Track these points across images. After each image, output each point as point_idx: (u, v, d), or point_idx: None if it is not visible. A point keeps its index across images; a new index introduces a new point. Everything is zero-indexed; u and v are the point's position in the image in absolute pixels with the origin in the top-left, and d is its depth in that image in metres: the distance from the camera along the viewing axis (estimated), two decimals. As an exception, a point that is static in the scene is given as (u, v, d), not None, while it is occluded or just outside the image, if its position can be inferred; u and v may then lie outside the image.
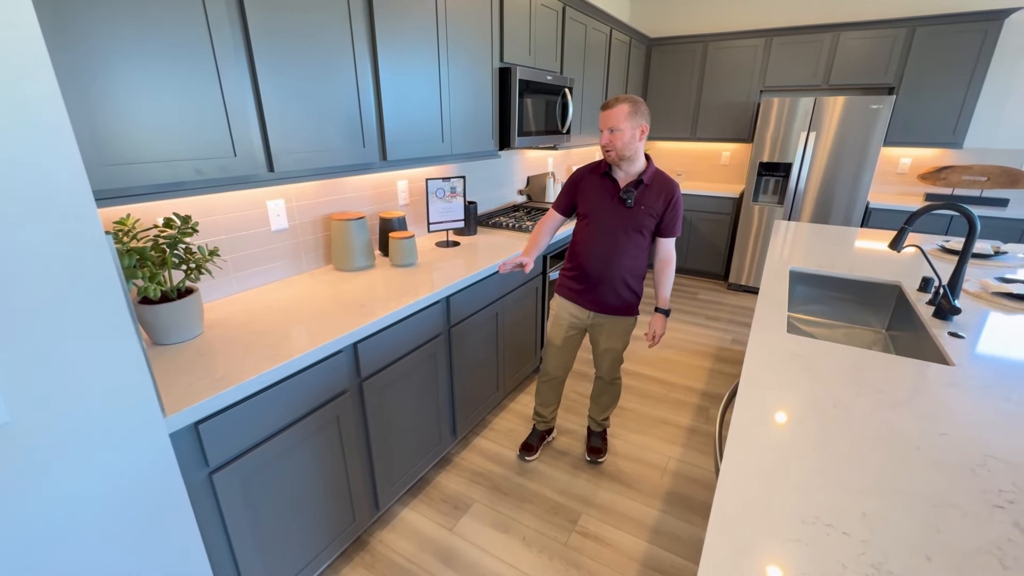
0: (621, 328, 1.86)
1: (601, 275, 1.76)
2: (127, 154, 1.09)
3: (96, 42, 1.00)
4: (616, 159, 1.62)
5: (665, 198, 1.66)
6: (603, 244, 1.73)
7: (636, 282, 1.79)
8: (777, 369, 1.18)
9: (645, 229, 1.69)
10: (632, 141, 1.58)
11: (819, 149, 3.67)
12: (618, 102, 1.56)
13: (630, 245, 1.71)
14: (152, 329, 1.27)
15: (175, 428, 1.01)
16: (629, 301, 1.81)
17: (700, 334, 3.38)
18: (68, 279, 0.79)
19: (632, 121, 1.56)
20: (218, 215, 1.58)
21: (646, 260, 1.78)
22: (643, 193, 1.65)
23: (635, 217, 1.67)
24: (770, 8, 4.08)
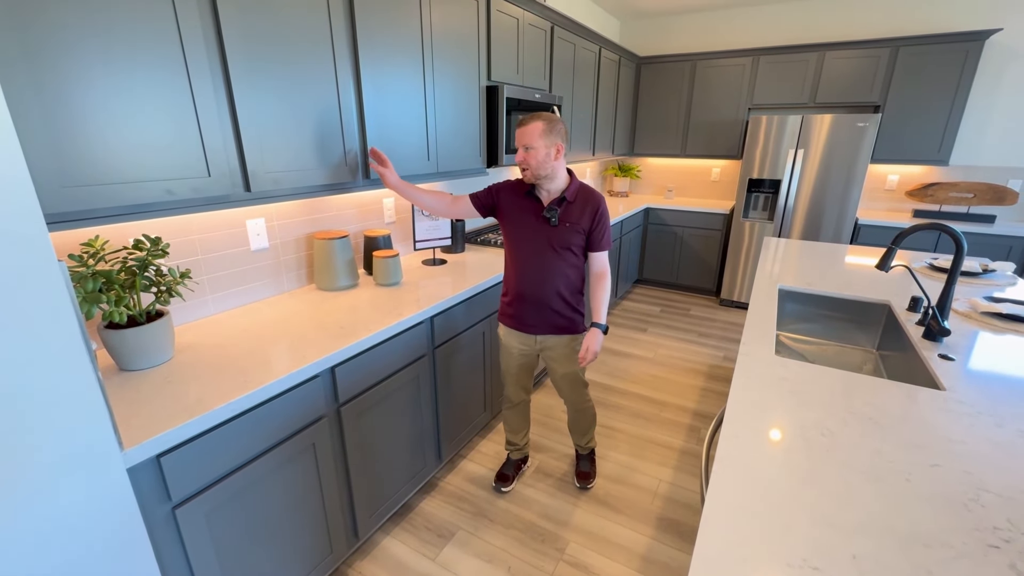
0: (570, 349, 1.79)
1: (537, 297, 1.71)
2: (95, 174, 1.06)
3: (60, 60, 0.97)
4: (532, 177, 1.59)
5: (590, 213, 1.63)
6: (533, 266, 1.68)
7: (575, 299, 1.74)
8: (764, 395, 1.15)
9: (574, 246, 1.65)
10: (547, 160, 1.55)
11: (807, 166, 3.70)
12: (533, 119, 1.53)
13: (561, 264, 1.66)
14: (119, 355, 1.22)
15: (134, 462, 0.96)
16: (571, 318, 1.75)
17: (692, 351, 3.35)
18: (15, 308, 0.75)
19: (547, 139, 1.53)
20: (195, 235, 1.54)
21: (582, 276, 1.74)
22: (567, 210, 1.62)
23: (562, 235, 1.63)
24: (756, 28, 4.15)
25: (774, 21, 4.07)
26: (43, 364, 0.79)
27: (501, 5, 2.30)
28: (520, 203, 1.68)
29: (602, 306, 1.69)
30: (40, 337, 0.78)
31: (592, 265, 1.71)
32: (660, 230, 4.47)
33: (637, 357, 3.25)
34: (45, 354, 0.79)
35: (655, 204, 4.42)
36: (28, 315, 0.76)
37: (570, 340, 1.79)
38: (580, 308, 1.77)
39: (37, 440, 0.80)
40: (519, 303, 1.75)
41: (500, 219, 1.74)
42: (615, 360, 3.20)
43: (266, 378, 1.22)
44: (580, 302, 1.76)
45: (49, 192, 1.00)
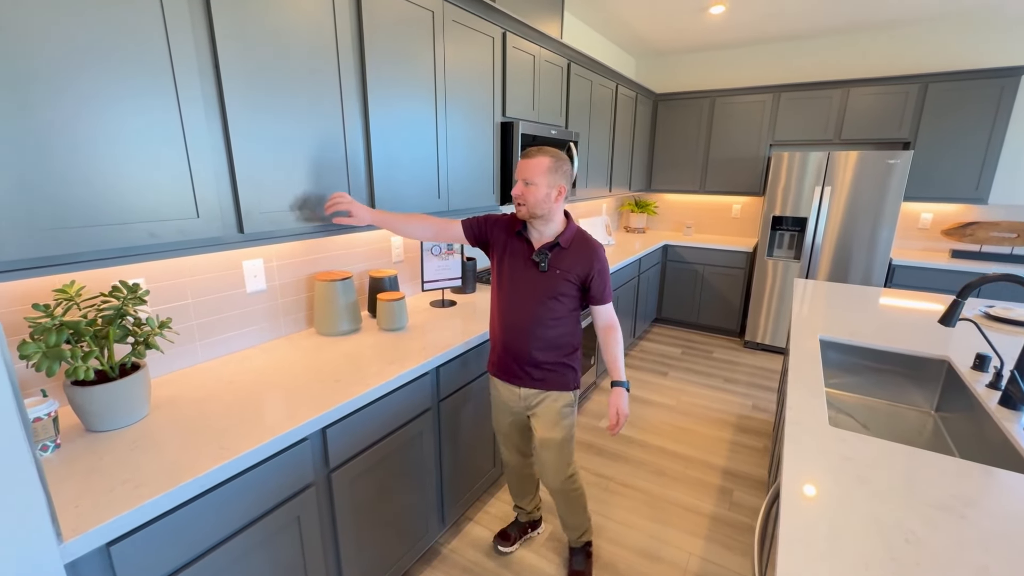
0: (552, 410, 1.56)
1: (519, 346, 1.53)
2: (72, 216, 0.96)
3: (36, 89, 0.89)
4: (527, 215, 1.44)
5: (585, 263, 1.46)
6: (517, 312, 1.52)
7: (561, 353, 1.54)
8: (826, 481, 0.96)
9: (563, 296, 1.48)
10: (546, 200, 1.41)
11: (835, 204, 3.54)
12: (539, 153, 1.40)
13: (546, 313, 1.49)
14: (85, 414, 1.09)
15: (76, 555, 0.81)
16: (558, 373, 1.55)
17: (718, 399, 3.12)
18: (-74, 382, 0.62)
19: (550, 178, 1.40)
20: (186, 277, 1.43)
21: (574, 328, 1.55)
22: (559, 256, 1.46)
23: (550, 282, 1.47)
24: (776, 65, 4.09)
25: (794, 58, 4.01)
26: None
27: (517, 42, 2.25)
28: (510, 242, 1.53)
29: (618, 361, 1.51)
30: (-39, 414, 0.65)
31: (597, 319, 1.54)
32: (679, 267, 4.31)
33: (658, 405, 3.03)
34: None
35: (673, 241, 4.28)
36: (-54, 388, 0.64)
37: (555, 399, 1.56)
38: (572, 363, 1.57)
39: (-54, 540, 0.66)
40: (502, 351, 1.58)
41: (490, 256, 1.60)
42: (634, 407, 2.99)
43: (245, 444, 1.07)
44: (573, 357, 1.57)
45: (21, 236, 0.90)
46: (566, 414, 1.58)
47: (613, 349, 1.52)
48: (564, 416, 1.57)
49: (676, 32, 3.81)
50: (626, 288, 3.49)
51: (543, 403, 1.57)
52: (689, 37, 3.94)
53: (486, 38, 2.06)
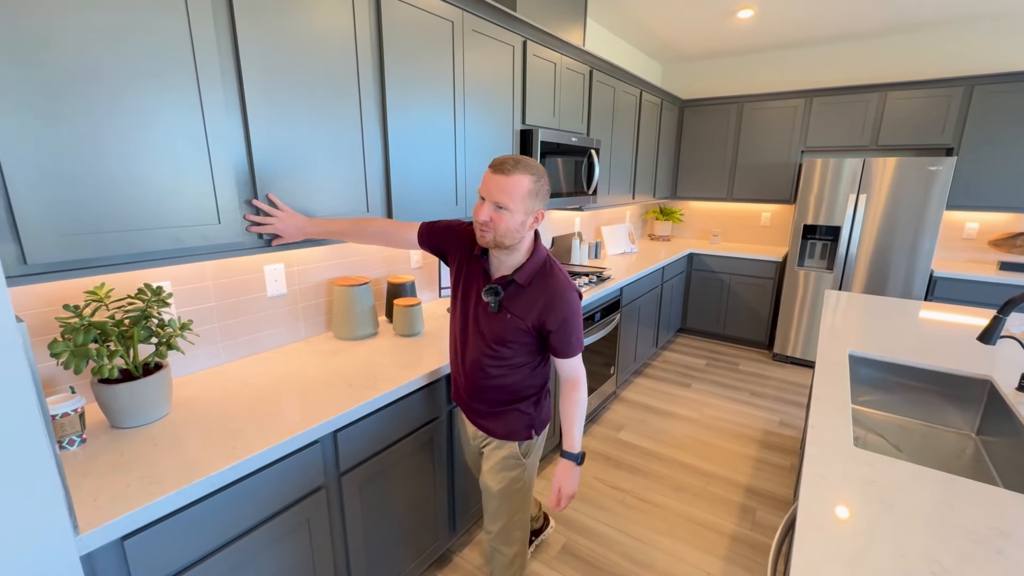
0: (496, 458, 1.35)
1: (464, 387, 1.35)
2: (98, 221, 1.00)
3: (66, 97, 0.94)
4: (491, 244, 1.16)
5: (544, 308, 1.18)
6: (462, 352, 1.32)
7: (511, 400, 1.31)
8: (847, 505, 0.91)
9: (514, 343, 1.22)
10: (520, 229, 1.14)
11: (871, 212, 3.40)
12: (518, 169, 1.10)
13: (492, 360, 1.26)
14: (110, 411, 1.14)
15: (91, 547, 0.84)
16: (502, 419, 1.32)
17: (743, 413, 3.02)
18: (-45, 378, 0.66)
19: (528, 203, 1.12)
20: (209, 280, 1.49)
21: (529, 376, 1.30)
22: (513, 296, 1.20)
23: (499, 326, 1.21)
24: (808, 69, 3.97)
25: (827, 61, 3.89)
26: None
27: (538, 50, 2.26)
28: (466, 265, 1.29)
29: (573, 427, 1.25)
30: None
31: (558, 371, 1.28)
32: (705, 277, 4.20)
33: (680, 417, 2.96)
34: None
35: (699, 249, 4.19)
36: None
37: (498, 446, 1.35)
38: (525, 410, 1.32)
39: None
40: (455, 379, 1.41)
41: (449, 261, 1.37)
42: (655, 420, 2.92)
43: (259, 444, 1.10)
44: (527, 404, 1.32)
45: (55, 240, 0.95)
46: (510, 466, 1.34)
47: (569, 411, 1.26)
48: (508, 468, 1.34)
49: (703, 37, 3.75)
50: (649, 297, 3.43)
51: (488, 446, 1.38)
52: (717, 42, 3.87)
53: (506, 47, 2.07)
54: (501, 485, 1.35)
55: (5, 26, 0.84)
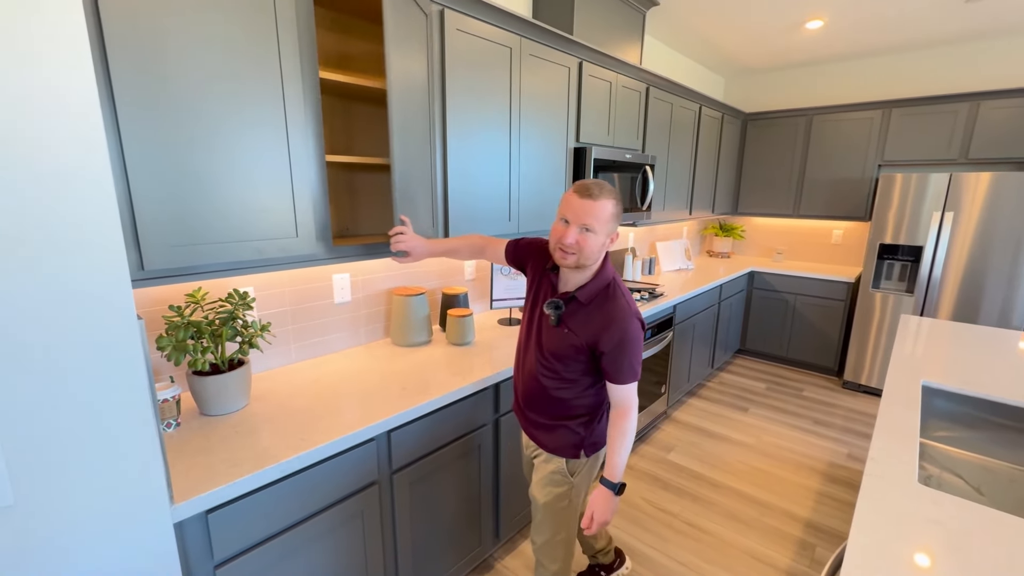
0: (544, 471, 1.36)
1: (523, 393, 1.38)
2: (199, 234, 1.16)
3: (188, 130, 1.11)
4: (573, 264, 1.19)
5: (599, 329, 1.19)
6: (522, 359, 1.37)
7: (563, 416, 1.32)
8: (905, 548, 0.86)
9: (567, 359, 1.24)
10: (601, 250, 1.20)
11: (959, 232, 3.11)
12: (603, 194, 1.16)
13: (547, 371, 1.28)
14: (200, 400, 1.30)
15: (182, 517, 0.97)
16: (553, 433, 1.33)
17: (806, 442, 2.84)
18: (90, 361, 0.80)
19: (611, 225, 1.18)
20: (286, 287, 1.65)
21: (583, 395, 1.30)
22: (573, 312, 1.22)
23: (557, 339, 1.24)
24: (885, 78, 3.73)
25: (906, 70, 3.63)
26: (112, 416, 0.83)
27: (593, 70, 2.31)
28: (540, 276, 1.35)
29: (616, 455, 1.22)
30: (113, 390, 0.83)
31: (609, 396, 1.27)
32: (767, 296, 4.01)
33: (735, 442, 2.83)
34: (115, 406, 0.83)
35: (761, 267, 4.01)
36: (106, 369, 0.82)
37: (546, 460, 1.36)
38: (576, 429, 1.32)
39: (92, 490, 0.83)
40: (515, 390, 1.46)
41: (526, 271, 1.45)
42: (708, 443, 2.82)
43: (322, 438, 1.21)
44: (579, 423, 1.32)
45: (166, 251, 1.11)
46: (556, 482, 1.34)
47: (614, 438, 1.23)
48: (553, 483, 1.35)
49: (769, 50, 3.64)
50: (705, 315, 3.33)
51: (539, 457, 1.40)
52: (783, 54, 3.74)
53: (562, 68, 2.14)
54: (547, 499, 1.36)
55: (144, 79, 1.02)
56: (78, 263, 0.77)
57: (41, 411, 0.76)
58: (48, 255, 0.74)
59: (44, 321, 0.75)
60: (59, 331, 0.76)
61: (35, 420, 0.76)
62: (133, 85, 1.01)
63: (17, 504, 0.76)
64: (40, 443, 0.77)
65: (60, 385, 0.78)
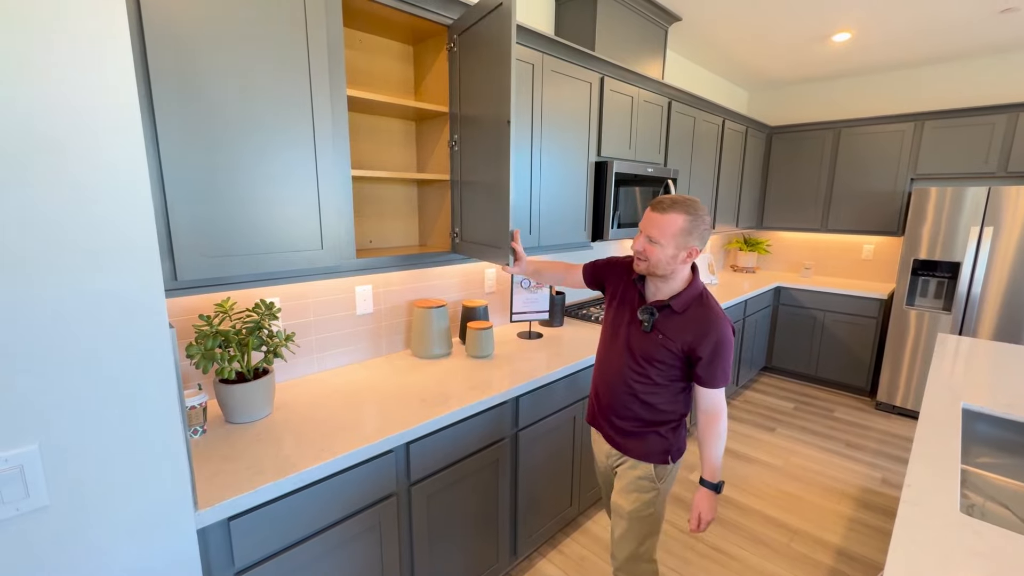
0: (629, 478, 1.38)
1: (606, 401, 1.42)
2: (230, 247, 1.20)
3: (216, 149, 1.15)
4: (645, 271, 1.29)
5: (696, 334, 1.25)
6: (611, 364, 1.40)
7: (651, 422, 1.35)
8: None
9: (660, 363, 1.30)
10: (671, 261, 1.24)
11: (1000, 247, 2.98)
12: (674, 208, 1.22)
13: (639, 376, 1.33)
14: (226, 407, 1.33)
15: (205, 523, 0.99)
16: (641, 439, 1.37)
17: (837, 465, 2.72)
18: (124, 369, 0.83)
19: (681, 240, 1.22)
20: (310, 298, 1.68)
21: (673, 400, 1.34)
22: (667, 319, 1.29)
23: (649, 345, 1.30)
24: (915, 91, 3.64)
25: (938, 82, 3.54)
26: (143, 422, 0.86)
27: (615, 85, 2.32)
28: (624, 289, 1.41)
29: (713, 459, 1.30)
30: (144, 397, 0.86)
31: (699, 402, 1.32)
32: (794, 312, 3.90)
33: (762, 463, 2.74)
34: (146, 412, 0.86)
35: (788, 283, 3.91)
36: (138, 377, 0.84)
37: (633, 466, 1.39)
38: (664, 434, 1.36)
39: (121, 493, 0.85)
40: (595, 399, 1.49)
41: (606, 286, 1.50)
42: (733, 463, 2.73)
43: (342, 448, 1.22)
44: (666, 428, 1.36)
45: (195, 261, 1.15)
46: (643, 488, 1.37)
47: (711, 443, 1.30)
48: (640, 489, 1.37)
49: (794, 63, 3.60)
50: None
51: (623, 465, 1.42)
52: (809, 67, 3.69)
53: (583, 84, 2.16)
54: (633, 506, 1.37)
55: (183, 100, 1.07)
56: (117, 274, 0.80)
57: (77, 416, 0.79)
58: (89, 266, 0.78)
59: (83, 328, 0.78)
60: (96, 339, 0.79)
61: (71, 424, 0.79)
62: (173, 104, 1.06)
63: (52, 505, 0.79)
64: (75, 447, 0.80)
65: (95, 391, 0.81)
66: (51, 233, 0.74)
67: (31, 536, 0.77)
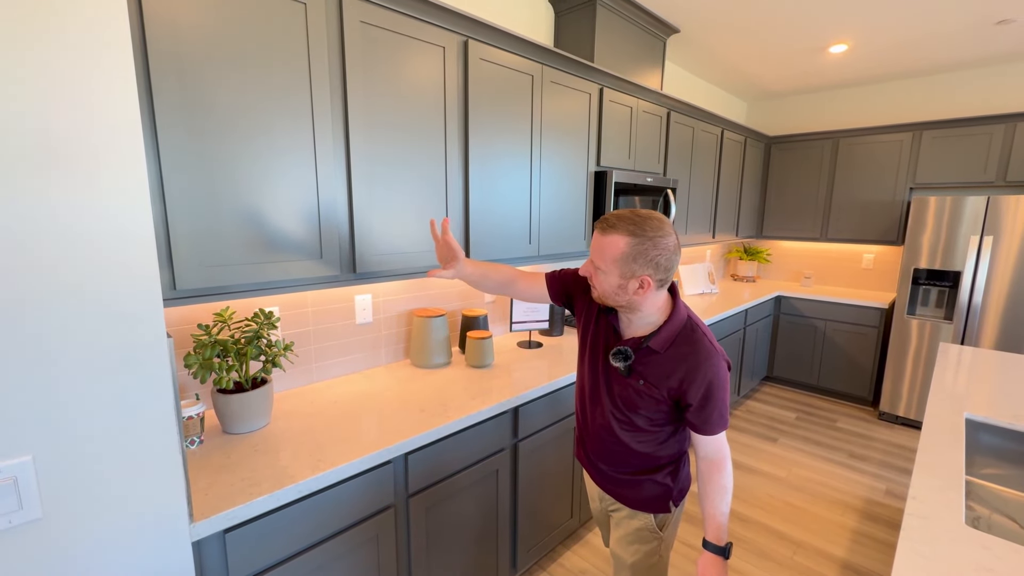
0: (628, 528, 1.22)
1: (593, 450, 1.24)
2: (229, 255, 1.20)
3: (215, 158, 1.16)
4: (598, 300, 1.10)
5: (683, 380, 1.04)
6: (591, 412, 1.21)
7: (644, 468, 1.17)
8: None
9: (645, 411, 1.10)
10: (621, 292, 1.03)
11: (1000, 256, 2.98)
12: (616, 230, 1.00)
13: (624, 424, 1.14)
14: (224, 417, 1.32)
15: (201, 536, 0.97)
16: (636, 487, 1.19)
17: (840, 476, 2.69)
18: (120, 379, 0.82)
19: (624, 267, 1.00)
20: (309, 307, 1.68)
21: (665, 443, 1.16)
22: (646, 362, 1.07)
23: (629, 392, 1.10)
24: (913, 101, 3.67)
25: (935, 93, 3.56)
26: (138, 433, 0.85)
27: (614, 96, 2.34)
28: (594, 318, 1.19)
29: (718, 514, 1.07)
30: (140, 408, 0.85)
31: (697, 448, 1.12)
32: (795, 322, 3.89)
33: (765, 475, 2.71)
34: (142, 424, 0.85)
35: (789, 292, 3.90)
36: (133, 387, 0.84)
37: (631, 516, 1.21)
38: (662, 480, 1.18)
39: (115, 506, 0.84)
40: (579, 444, 1.32)
41: (575, 318, 1.29)
42: (736, 475, 2.70)
43: (340, 459, 1.20)
44: (663, 474, 1.17)
45: (195, 270, 1.15)
46: (644, 539, 1.20)
47: (714, 497, 1.07)
48: (642, 540, 1.20)
49: (791, 74, 3.63)
50: (729, 341, 3.24)
51: (619, 513, 1.25)
52: (806, 78, 3.72)
53: (583, 95, 2.17)
54: (635, 558, 1.21)
55: (185, 106, 1.08)
56: (114, 284, 0.80)
57: (72, 427, 0.79)
58: (86, 276, 0.77)
59: (79, 338, 0.78)
60: (92, 349, 0.79)
61: (66, 435, 0.78)
62: (174, 113, 1.07)
63: (45, 517, 0.78)
64: (70, 458, 0.79)
65: (90, 402, 0.80)
66: (47, 243, 0.74)
67: (23, 549, 0.76)
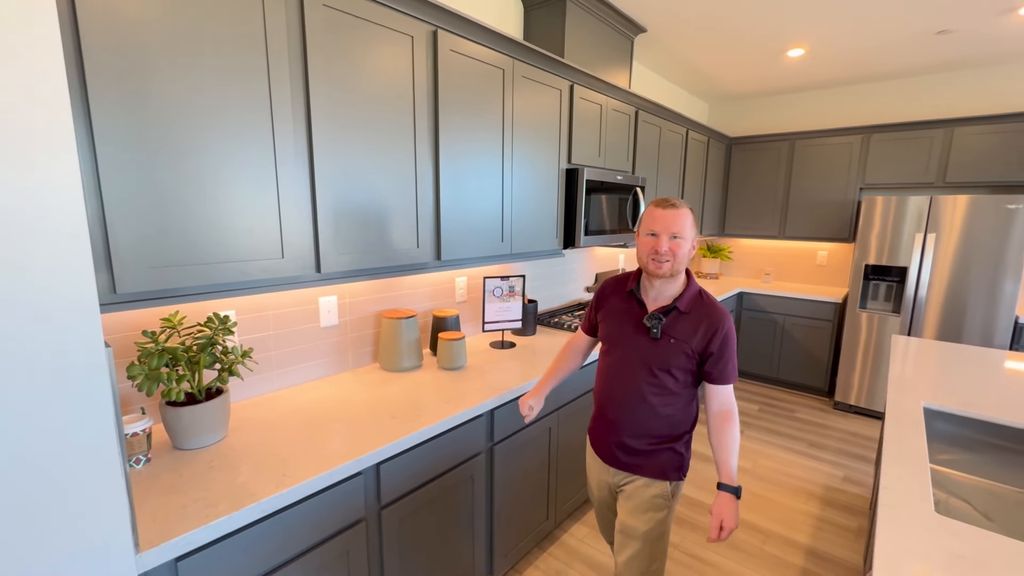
0: (643, 497, 1.33)
1: (618, 421, 1.36)
2: (179, 256, 1.10)
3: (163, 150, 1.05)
4: (670, 272, 1.26)
5: (706, 331, 1.25)
6: (620, 382, 1.34)
7: (666, 436, 1.32)
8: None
9: (676, 368, 1.27)
10: (690, 255, 1.28)
11: (941, 252, 3.17)
12: (681, 205, 1.27)
13: (654, 387, 1.29)
14: (174, 432, 1.21)
15: (149, 567, 0.87)
16: (655, 456, 1.32)
17: (801, 465, 2.79)
18: (48, 395, 0.72)
19: (694, 232, 1.28)
20: (269, 311, 1.57)
21: (686, 408, 1.32)
22: (675, 322, 1.27)
23: (662, 352, 1.27)
24: (864, 105, 3.86)
25: (884, 98, 3.76)
26: (73, 455, 0.75)
27: (584, 93, 2.32)
28: (619, 303, 1.38)
29: (731, 458, 1.24)
30: (74, 426, 0.75)
31: (711, 401, 1.29)
32: (756, 317, 4.02)
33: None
34: (77, 445, 0.75)
35: (750, 288, 4.03)
36: (59, 403, 0.74)
37: (646, 484, 1.33)
38: (678, 448, 1.33)
39: (45, 537, 0.74)
40: (599, 418, 1.43)
41: (599, 316, 1.45)
42: (703, 467, 2.76)
43: (306, 473, 1.12)
44: (680, 442, 1.33)
45: (138, 272, 1.04)
46: (658, 506, 1.32)
47: (727, 443, 1.24)
48: (655, 508, 1.32)
49: (752, 77, 3.74)
50: (695, 337, 3.31)
51: (634, 483, 1.35)
52: (765, 81, 3.85)
53: (554, 91, 2.15)
54: (648, 526, 1.31)
55: (123, 91, 0.97)
56: (39, 289, 0.70)
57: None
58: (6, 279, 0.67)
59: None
60: (15, 361, 0.69)
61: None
62: (111, 99, 0.96)
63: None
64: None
65: (12, 422, 0.70)
66: (-43, 241, 0.63)
67: (-71, 598, 0.66)
